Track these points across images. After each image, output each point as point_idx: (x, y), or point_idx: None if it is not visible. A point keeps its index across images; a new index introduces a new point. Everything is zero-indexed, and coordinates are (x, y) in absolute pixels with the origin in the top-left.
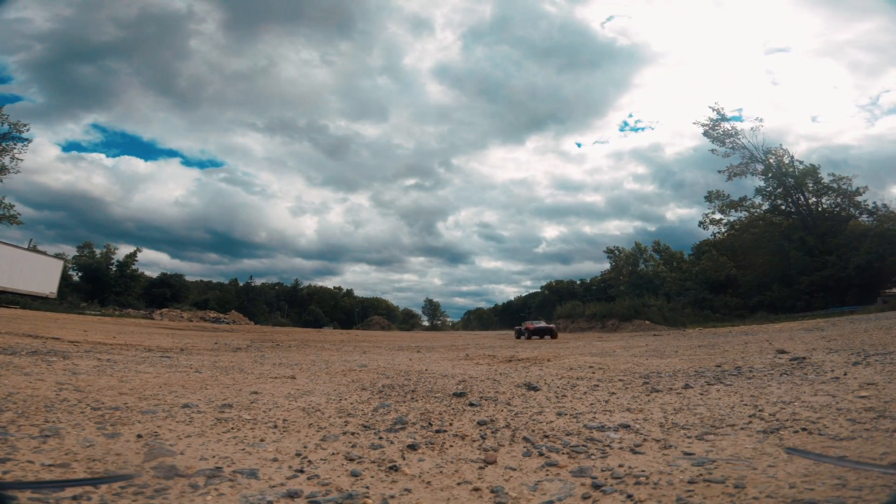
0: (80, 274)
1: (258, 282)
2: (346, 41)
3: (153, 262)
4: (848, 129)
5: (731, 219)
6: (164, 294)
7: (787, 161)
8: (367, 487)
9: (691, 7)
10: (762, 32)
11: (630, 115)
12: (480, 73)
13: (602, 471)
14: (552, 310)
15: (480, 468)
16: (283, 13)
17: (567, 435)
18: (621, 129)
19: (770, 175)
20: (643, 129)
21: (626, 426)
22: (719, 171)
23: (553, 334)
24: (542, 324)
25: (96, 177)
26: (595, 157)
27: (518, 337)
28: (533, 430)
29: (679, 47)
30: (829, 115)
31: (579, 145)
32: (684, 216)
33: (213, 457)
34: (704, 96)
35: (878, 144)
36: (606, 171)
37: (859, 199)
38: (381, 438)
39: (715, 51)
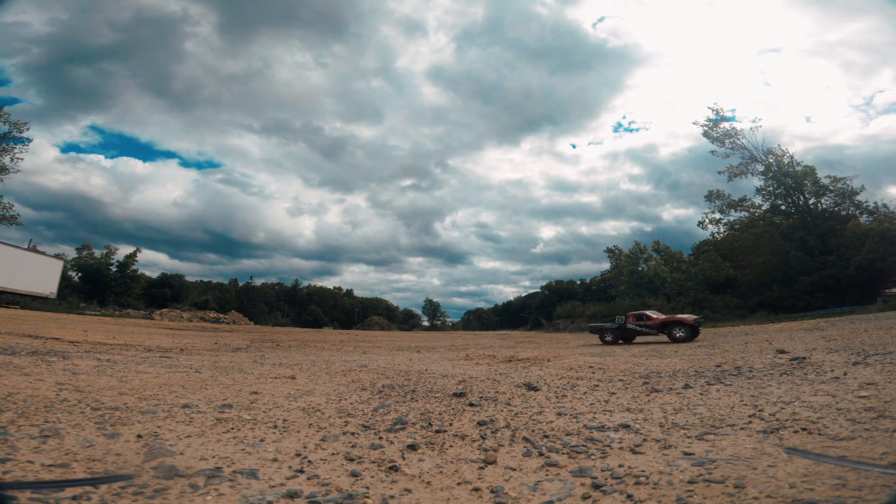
0: (79, 274)
1: (258, 282)
2: (340, 43)
3: (152, 262)
4: (843, 129)
5: (731, 219)
6: (164, 294)
7: (786, 161)
8: (367, 487)
9: (682, 7)
10: (753, 33)
11: (624, 117)
12: (474, 75)
13: (602, 471)
14: (552, 310)
15: (480, 468)
16: (276, 16)
17: (567, 435)
18: (615, 130)
19: (770, 175)
20: (637, 129)
21: (626, 426)
22: (720, 172)
23: (693, 330)
24: (655, 315)
25: (95, 178)
26: (590, 158)
27: (605, 340)
28: (533, 430)
29: (671, 48)
30: (824, 116)
31: (574, 146)
32: (680, 216)
33: (213, 457)
34: (698, 97)
35: (873, 144)
36: (602, 172)
37: (859, 198)
38: (381, 438)
39: (707, 51)
